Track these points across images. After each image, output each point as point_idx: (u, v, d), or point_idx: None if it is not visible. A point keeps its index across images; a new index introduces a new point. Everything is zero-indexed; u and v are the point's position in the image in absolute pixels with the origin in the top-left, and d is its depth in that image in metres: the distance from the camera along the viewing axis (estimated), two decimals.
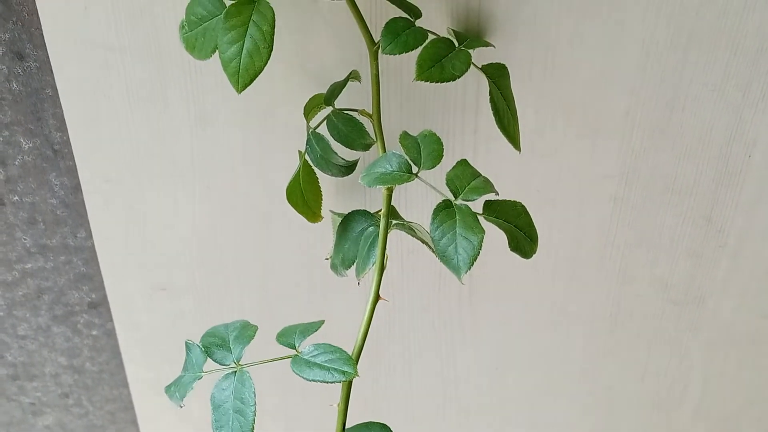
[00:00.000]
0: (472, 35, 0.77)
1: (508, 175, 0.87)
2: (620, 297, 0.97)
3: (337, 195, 0.87)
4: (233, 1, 0.68)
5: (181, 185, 0.89)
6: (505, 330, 1.00)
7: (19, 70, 0.84)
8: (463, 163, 0.70)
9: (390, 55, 0.70)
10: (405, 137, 0.71)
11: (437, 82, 0.69)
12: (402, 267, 0.94)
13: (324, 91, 0.78)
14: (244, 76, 0.68)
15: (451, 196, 0.68)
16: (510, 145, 0.75)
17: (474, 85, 0.80)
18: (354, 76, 0.78)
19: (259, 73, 0.68)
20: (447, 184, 0.69)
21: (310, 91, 0.79)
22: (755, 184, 0.87)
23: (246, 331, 0.73)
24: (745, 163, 0.85)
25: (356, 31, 0.75)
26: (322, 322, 0.72)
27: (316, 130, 0.78)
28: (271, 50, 0.67)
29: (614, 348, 1.02)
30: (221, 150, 0.86)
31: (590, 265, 0.94)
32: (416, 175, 0.69)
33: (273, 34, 0.67)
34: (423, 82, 0.69)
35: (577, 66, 0.79)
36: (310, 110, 0.78)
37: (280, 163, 0.86)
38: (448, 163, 0.70)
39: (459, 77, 0.70)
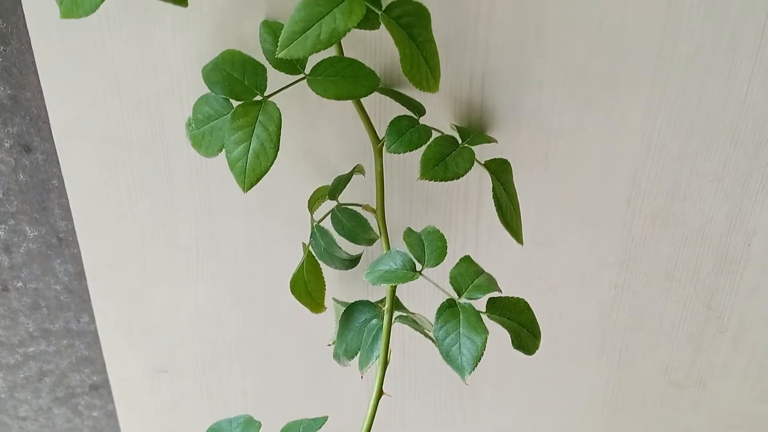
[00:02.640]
0: (475, 130, 0.78)
1: (510, 263, 0.87)
2: (621, 379, 0.97)
3: (340, 282, 0.88)
4: (240, 102, 0.69)
5: (185, 271, 0.89)
6: (506, 412, 1.00)
7: (27, 162, 0.85)
8: (467, 260, 0.71)
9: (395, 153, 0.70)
10: (409, 234, 0.72)
11: (441, 180, 0.70)
12: (403, 352, 0.94)
13: (328, 182, 0.78)
14: (250, 176, 0.69)
15: (454, 295, 0.69)
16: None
17: (476, 177, 0.81)
18: (358, 170, 0.78)
19: (266, 173, 0.68)
20: (451, 282, 0.69)
21: (314, 183, 0.80)
22: (755, 272, 0.87)
23: (249, 428, 0.73)
24: (745, 252, 0.86)
25: (361, 125, 0.75)
26: (326, 418, 0.72)
27: (320, 224, 0.78)
28: (278, 150, 0.68)
29: (615, 429, 1.02)
30: (225, 238, 0.86)
31: (591, 348, 0.94)
32: (420, 272, 0.69)
33: (279, 135, 0.68)
34: None
35: (578, 156, 0.80)
36: (314, 202, 0.79)
37: (284, 250, 0.87)
38: (450, 253, 0.70)
39: (463, 175, 0.70)
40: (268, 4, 0.72)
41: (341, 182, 0.77)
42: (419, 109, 0.74)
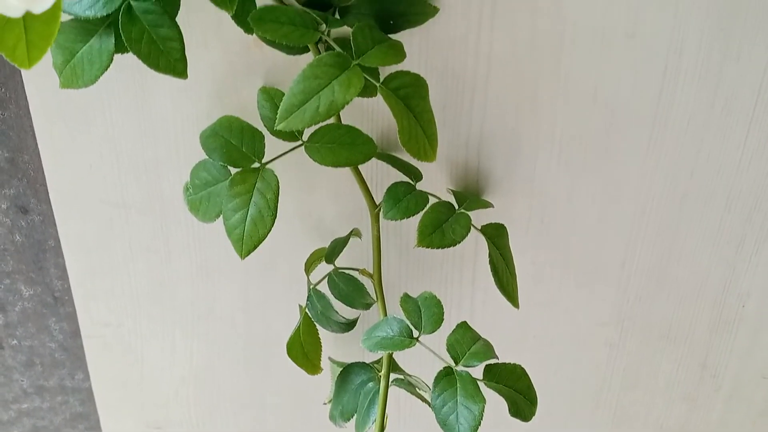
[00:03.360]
0: (471, 194, 0.78)
1: (505, 322, 0.87)
2: None
3: (336, 341, 0.88)
4: (238, 169, 0.70)
5: (180, 330, 0.89)
6: None
7: (23, 223, 0.85)
8: (463, 327, 0.71)
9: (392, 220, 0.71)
10: (406, 300, 0.72)
11: (438, 248, 0.70)
12: (399, 412, 0.94)
13: (325, 243, 0.78)
14: (248, 243, 0.69)
15: (451, 362, 0.69)
16: None
17: (472, 239, 0.81)
18: (355, 233, 0.79)
19: (263, 240, 0.69)
20: (447, 350, 0.69)
21: (311, 244, 0.80)
22: (749, 333, 0.88)
23: None
24: (739, 313, 0.86)
25: (358, 188, 0.76)
26: None
27: (317, 287, 0.78)
28: (275, 217, 0.68)
29: None
30: (222, 298, 0.86)
31: (586, 407, 0.94)
32: (417, 339, 0.70)
33: (277, 202, 0.68)
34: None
35: (574, 220, 0.81)
36: (310, 265, 0.79)
37: (280, 311, 0.87)
38: (447, 314, 0.70)
39: (459, 242, 0.71)
40: (267, 70, 0.73)
41: (338, 246, 0.77)
42: (416, 175, 0.74)
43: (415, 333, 0.70)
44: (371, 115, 0.75)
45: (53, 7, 0.47)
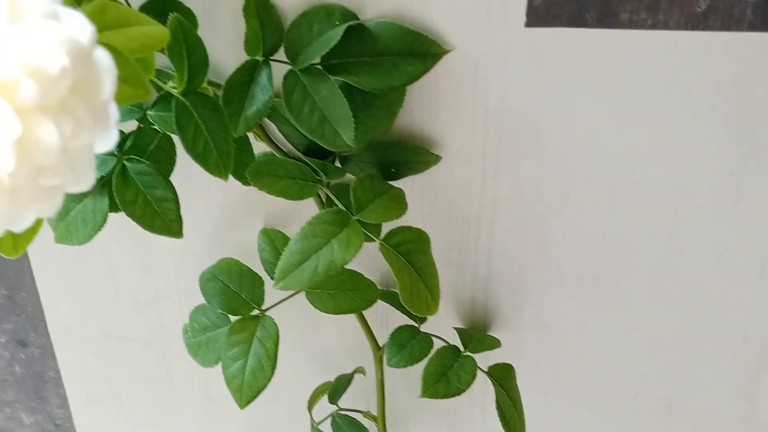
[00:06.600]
0: (478, 330, 0.76)
1: None
2: None
3: None
4: (238, 317, 0.68)
5: None
6: None
7: (22, 356, 0.84)
8: None
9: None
10: None
11: (443, 398, 0.68)
12: None
13: (330, 376, 0.77)
14: (247, 393, 0.67)
15: None
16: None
17: (481, 376, 0.79)
18: (359, 371, 0.77)
19: (263, 389, 0.67)
20: None
21: (316, 376, 0.79)
22: None
23: None
24: None
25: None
26: None
27: (320, 426, 0.76)
28: (275, 366, 0.67)
29: None
30: (226, 426, 0.85)
31: None
32: None
33: (277, 351, 0.67)
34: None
35: (584, 354, 0.79)
36: (313, 401, 0.77)
37: None
38: None
39: (465, 390, 0.69)
40: (268, 212, 0.72)
41: (341, 385, 0.75)
42: (421, 317, 0.73)
43: None
44: (375, 252, 0.73)
45: None
